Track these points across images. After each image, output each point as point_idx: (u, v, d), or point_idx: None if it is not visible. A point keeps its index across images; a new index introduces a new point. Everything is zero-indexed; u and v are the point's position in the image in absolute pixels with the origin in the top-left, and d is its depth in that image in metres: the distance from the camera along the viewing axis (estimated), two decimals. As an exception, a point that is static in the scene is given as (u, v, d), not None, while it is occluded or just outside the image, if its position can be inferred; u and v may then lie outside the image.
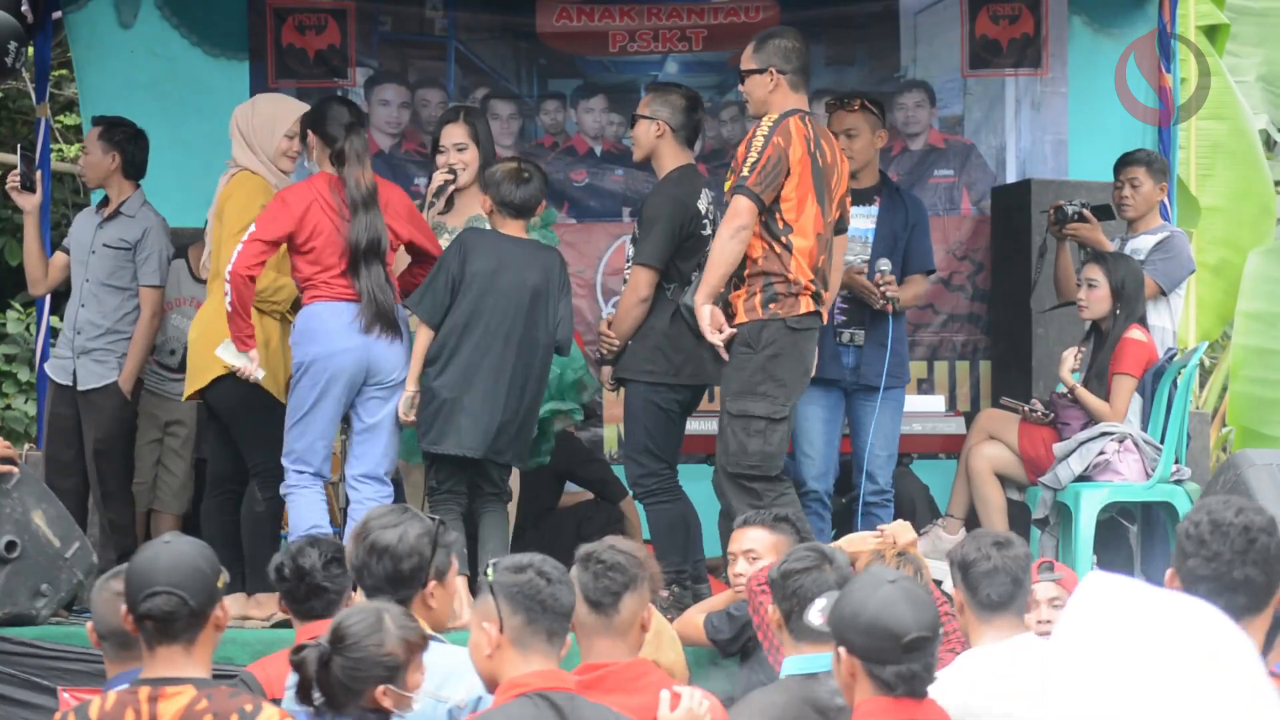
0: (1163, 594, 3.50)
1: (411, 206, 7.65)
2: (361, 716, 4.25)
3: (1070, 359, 8.14)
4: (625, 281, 8.02)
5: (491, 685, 4.23)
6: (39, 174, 8.73)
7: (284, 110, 7.85)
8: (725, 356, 7.23)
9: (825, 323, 7.51)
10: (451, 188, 7.92)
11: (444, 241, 7.89)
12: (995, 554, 5.15)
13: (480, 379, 7.39)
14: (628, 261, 8.15)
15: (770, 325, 7.18)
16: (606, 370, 8.05)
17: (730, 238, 7.16)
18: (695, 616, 6.72)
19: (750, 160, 7.14)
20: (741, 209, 7.15)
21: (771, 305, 7.18)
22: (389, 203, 7.46)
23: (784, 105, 7.30)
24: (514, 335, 7.44)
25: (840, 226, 7.55)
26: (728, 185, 7.29)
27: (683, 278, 7.81)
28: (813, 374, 7.49)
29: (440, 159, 7.99)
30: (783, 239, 7.18)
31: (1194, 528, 4.02)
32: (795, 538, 6.24)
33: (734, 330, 7.20)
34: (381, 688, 4.26)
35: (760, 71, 7.34)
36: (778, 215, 7.19)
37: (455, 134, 7.99)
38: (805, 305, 7.23)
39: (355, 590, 4.96)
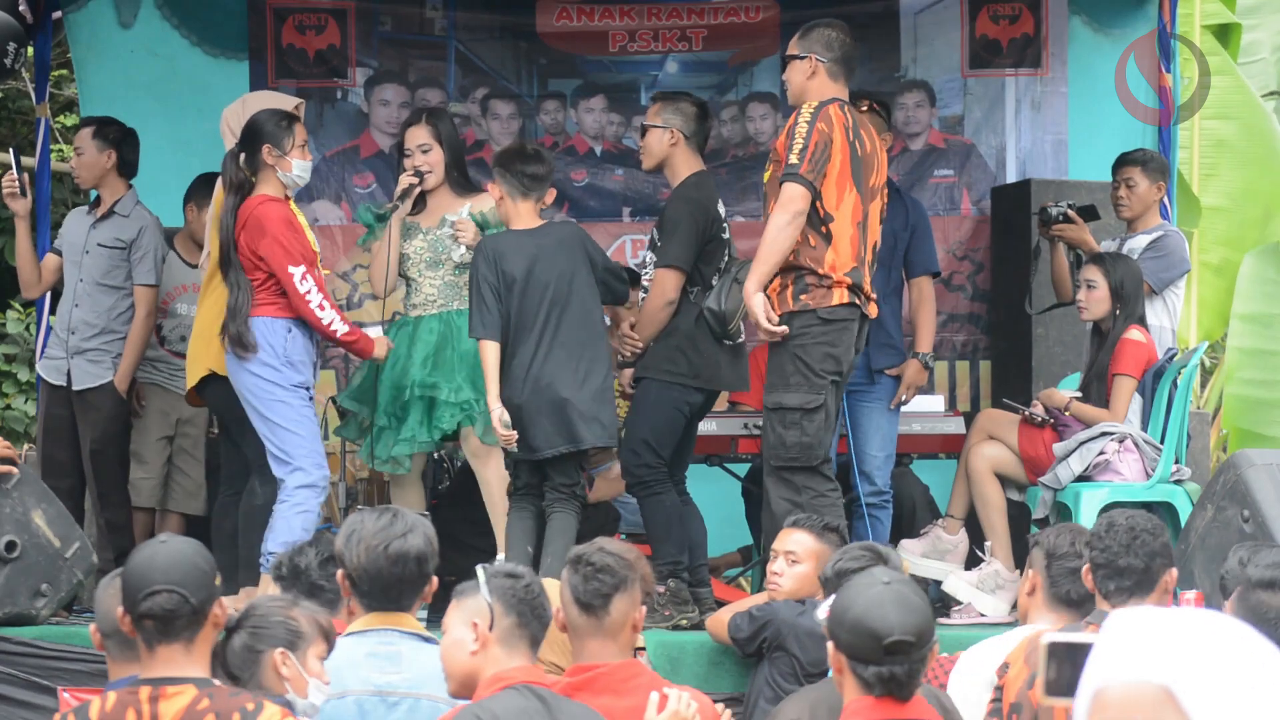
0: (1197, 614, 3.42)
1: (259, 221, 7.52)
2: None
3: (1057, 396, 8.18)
4: (646, 288, 8.00)
5: (461, 683, 4.27)
6: (26, 176, 8.72)
7: (284, 105, 7.89)
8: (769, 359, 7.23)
9: (875, 315, 7.48)
10: (418, 189, 7.94)
11: (418, 242, 7.92)
12: (1088, 552, 5.20)
13: (541, 379, 7.40)
14: (642, 268, 8.15)
15: (801, 316, 7.16)
16: (627, 373, 8.01)
17: (786, 224, 7.10)
18: (725, 615, 6.75)
19: (797, 147, 7.10)
20: (795, 195, 7.09)
21: (803, 296, 7.16)
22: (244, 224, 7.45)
23: (822, 93, 7.28)
24: (561, 325, 7.45)
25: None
26: (767, 176, 7.28)
27: (704, 281, 7.83)
28: (851, 365, 7.42)
29: (407, 162, 8.01)
30: (823, 228, 7.16)
31: (1096, 528, 5.20)
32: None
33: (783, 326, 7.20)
34: (280, 650, 4.27)
35: (801, 58, 7.34)
36: (818, 204, 7.16)
37: (418, 135, 8.01)
38: (839, 296, 7.19)
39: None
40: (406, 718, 4.61)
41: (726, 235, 7.95)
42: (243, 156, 7.45)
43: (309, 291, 7.35)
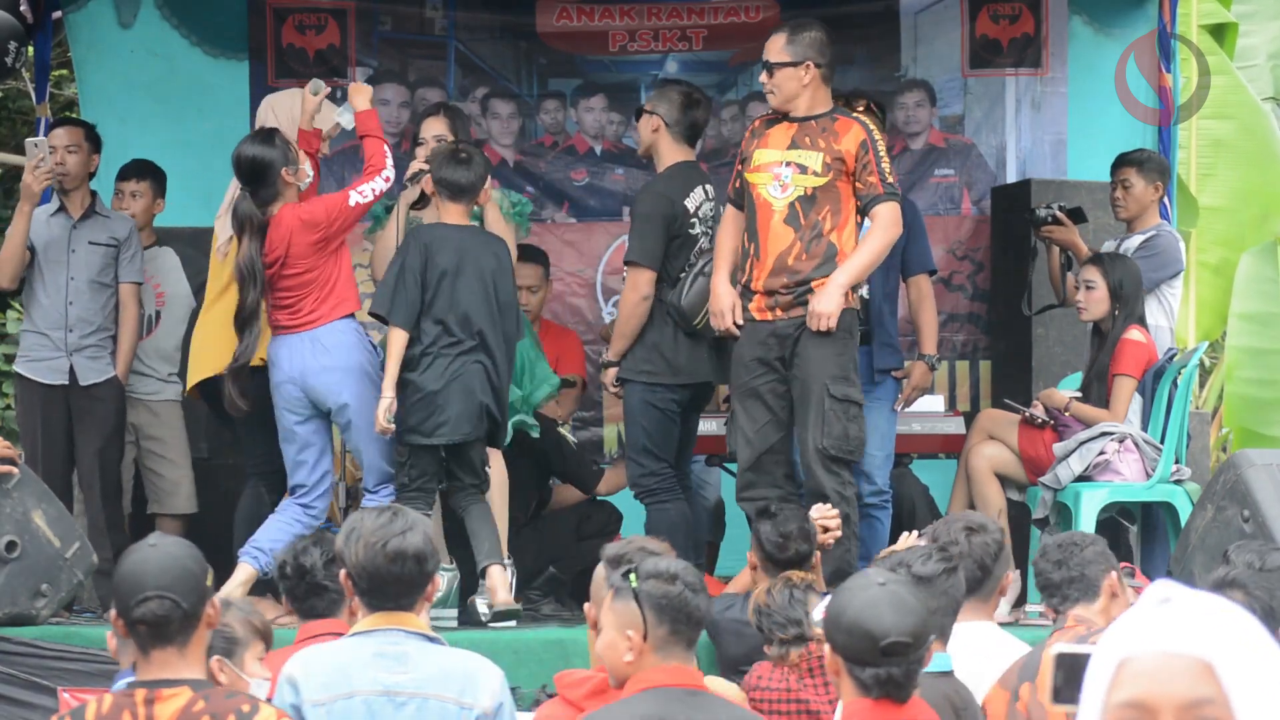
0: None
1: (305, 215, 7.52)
2: None
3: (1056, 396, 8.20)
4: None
5: (621, 681, 4.25)
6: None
7: (304, 103, 7.94)
8: (833, 349, 7.24)
9: None
10: (426, 175, 7.96)
11: None
12: (964, 540, 5.19)
13: (463, 370, 7.42)
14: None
15: (853, 314, 7.34)
16: (610, 373, 8.03)
17: (890, 244, 7.33)
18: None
19: (886, 166, 7.27)
20: (899, 216, 7.32)
21: (851, 295, 7.31)
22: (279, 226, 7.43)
23: (815, 98, 7.32)
24: (484, 323, 7.48)
25: None
26: (823, 182, 7.25)
27: (670, 277, 7.82)
28: None
29: (419, 151, 8.05)
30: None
31: (1034, 557, 5.44)
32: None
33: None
34: (216, 659, 4.27)
35: (795, 64, 7.32)
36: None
37: (435, 126, 8.08)
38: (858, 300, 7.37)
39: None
40: (414, 718, 4.60)
41: (696, 230, 7.92)
42: (253, 195, 7.42)
43: (372, 190, 7.48)
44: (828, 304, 7.15)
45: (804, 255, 7.26)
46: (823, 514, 6.68)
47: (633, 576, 4.21)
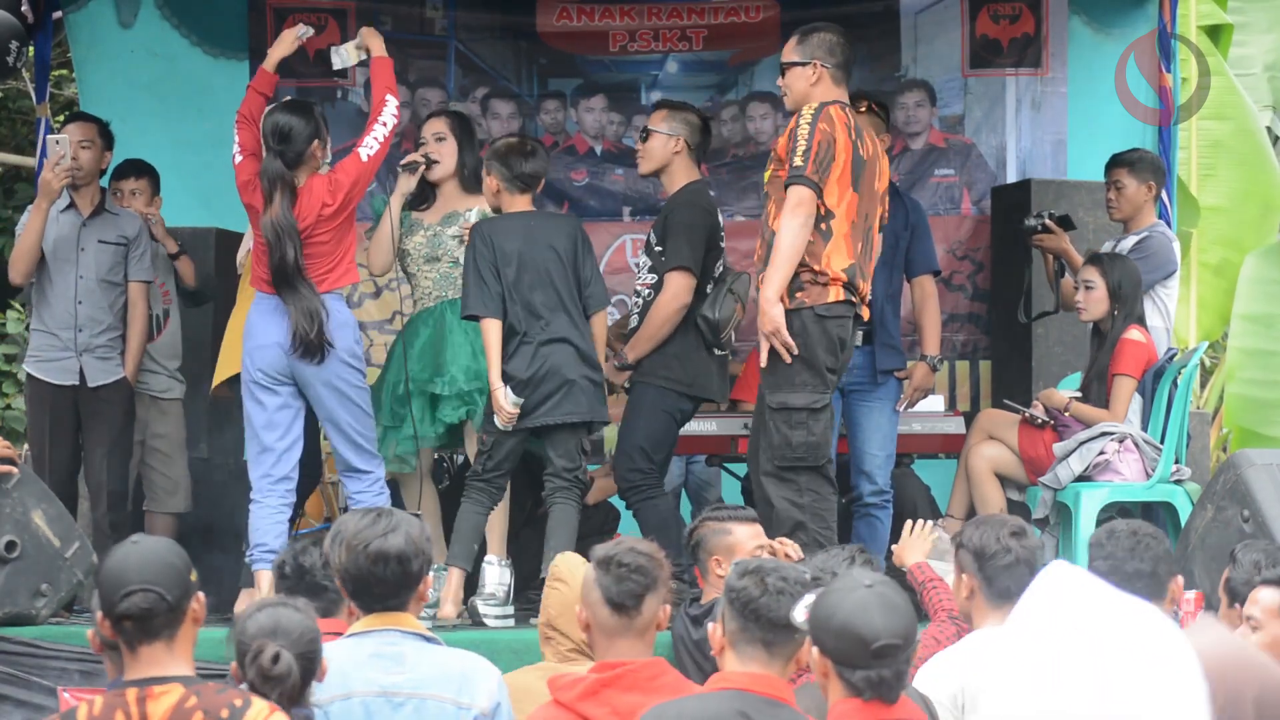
0: (1114, 591, 3.51)
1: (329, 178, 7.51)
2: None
3: (1056, 396, 8.19)
4: (647, 289, 7.98)
5: None
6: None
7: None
8: (770, 357, 7.14)
9: (866, 318, 7.44)
10: (423, 169, 7.96)
11: (418, 238, 7.94)
12: (1015, 545, 5.19)
13: (544, 352, 7.45)
14: (637, 269, 8.17)
15: (799, 314, 7.10)
16: (624, 375, 8.02)
17: (800, 228, 7.05)
18: None
19: (800, 149, 7.07)
20: (805, 198, 7.06)
21: (799, 294, 7.11)
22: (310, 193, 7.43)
23: (824, 99, 7.27)
24: (558, 302, 7.52)
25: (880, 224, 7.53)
26: (767, 176, 7.25)
27: (699, 289, 7.86)
28: (846, 363, 7.39)
29: (420, 149, 8.07)
30: (821, 225, 7.12)
31: (1097, 537, 5.22)
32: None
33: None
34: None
35: (803, 64, 7.31)
36: (820, 202, 7.13)
37: (435, 125, 8.13)
38: (835, 294, 7.15)
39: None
40: (412, 718, 4.61)
41: (723, 244, 8.00)
42: (280, 156, 7.40)
43: (375, 140, 7.46)
44: (768, 324, 7.05)
45: (761, 250, 7.27)
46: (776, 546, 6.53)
47: (730, 570, 4.28)
